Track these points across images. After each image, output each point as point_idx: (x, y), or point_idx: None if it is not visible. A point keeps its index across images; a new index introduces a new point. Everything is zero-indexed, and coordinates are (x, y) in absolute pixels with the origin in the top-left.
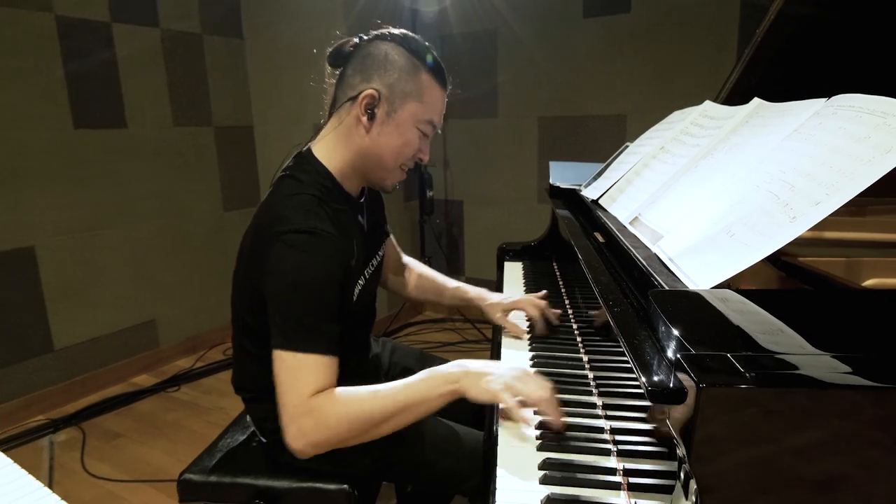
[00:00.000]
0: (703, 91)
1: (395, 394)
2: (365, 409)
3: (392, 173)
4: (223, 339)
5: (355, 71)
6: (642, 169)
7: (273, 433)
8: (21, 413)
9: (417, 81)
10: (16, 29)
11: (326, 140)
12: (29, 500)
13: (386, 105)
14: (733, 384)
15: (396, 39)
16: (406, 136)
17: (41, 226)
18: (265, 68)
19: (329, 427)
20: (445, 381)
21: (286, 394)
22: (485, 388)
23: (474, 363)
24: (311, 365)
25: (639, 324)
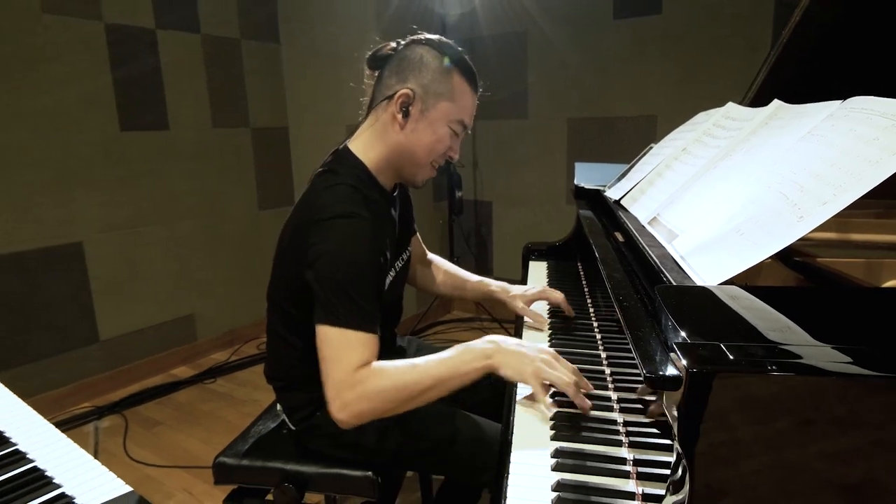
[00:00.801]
0: (735, 92)
1: (432, 368)
2: (404, 382)
3: (423, 169)
4: (257, 335)
5: (392, 72)
6: (664, 170)
7: (302, 421)
8: (68, 400)
9: (450, 83)
10: (68, 36)
11: (363, 136)
12: (82, 470)
13: (420, 104)
14: (719, 369)
15: (432, 44)
16: (438, 134)
17: (89, 222)
18: (300, 71)
19: (371, 399)
20: (480, 355)
21: (331, 368)
22: (516, 368)
23: (508, 340)
24: (356, 341)
25: (645, 318)
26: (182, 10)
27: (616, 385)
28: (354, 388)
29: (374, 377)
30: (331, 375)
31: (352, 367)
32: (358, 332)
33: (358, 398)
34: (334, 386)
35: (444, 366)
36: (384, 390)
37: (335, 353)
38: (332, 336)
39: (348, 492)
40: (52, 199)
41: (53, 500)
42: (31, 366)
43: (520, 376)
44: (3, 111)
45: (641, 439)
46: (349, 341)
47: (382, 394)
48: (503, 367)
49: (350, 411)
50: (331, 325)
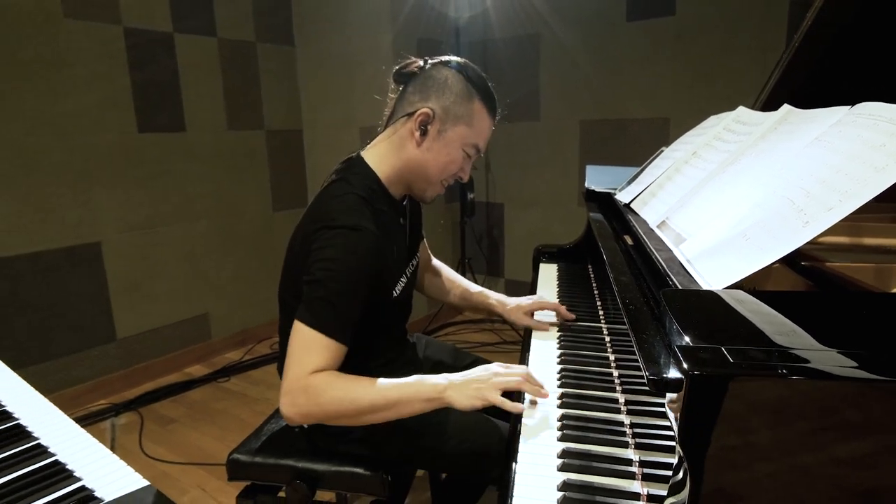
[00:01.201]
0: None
1: (385, 390)
2: (354, 397)
3: (433, 186)
4: (270, 334)
5: (416, 90)
6: (674, 174)
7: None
8: (86, 397)
9: (470, 107)
10: (88, 40)
11: (379, 147)
12: (102, 464)
13: (438, 124)
14: (719, 373)
15: (458, 67)
16: (452, 155)
17: (107, 223)
18: (314, 74)
19: (319, 405)
20: (432, 389)
21: (293, 364)
22: (466, 394)
23: (456, 376)
24: (324, 345)
25: (651, 321)
26: (199, 14)
27: (624, 387)
28: (307, 390)
29: (329, 385)
30: (289, 371)
31: (310, 369)
32: (327, 338)
33: (307, 400)
34: (288, 383)
35: (398, 391)
36: (335, 399)
37: (300, 351)
38: (303, 335)
39: (359, 490)
40: (73, 200)
41: (74, 493)
42: (51, 363)
43: (477, 400)
44: (28, 115)
45: (648, 441)
46: (316, 343)
47: (333, 402)
48: (454, 400)
49: (298, 411)
50: (305, 323)
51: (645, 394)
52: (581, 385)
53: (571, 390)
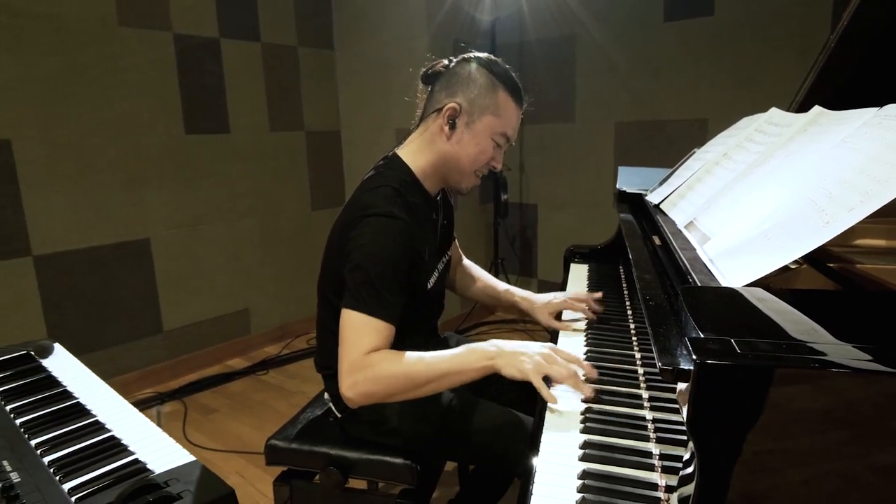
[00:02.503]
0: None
1: (438, 362)
2: (410, 371)
3: (467, 177)
4: (307, 330)
5: (442, 87)
6: (704, 175)
7: (346, 409)
8: (134, 385)
9: (495, 98)
10: (141, 46)
11: (412, 144)
12: (152, 440)
13: (466, 117)
14: (724, 362)
15: (480, 61)
16: (482, 145)
17: (156, 220)
18: (352, 77)
19: (378, 382)
20: (483, 356)
21: (348, 349)
22: (517, 368)
23: (509, 344)
24: (374, 327)
25: (669, 316)
26: (244, 20)
27: (648, 384)
28: (364, 370)
29: (385, 362)
30: (345, 356)
31: (365, 350)
32: (376, 320)
33: (366, 380)
34: (348, 366)
35: (450, 362)
36: (392, 376)
37: (352, 336)
38: (353, 320)
39: (389, 478)
40: (125, 198)
41: (129, 465)
42: (103, 352)
43: (520, 374)
44: (88, 118)
45: (669, 435)
46: (367, 326)
47: (390, 378)
48: (504, 367)
49: (358, 391)
50: (353, 309)
51: (669, 390)
52: (606, 381)
53: (596, 385)
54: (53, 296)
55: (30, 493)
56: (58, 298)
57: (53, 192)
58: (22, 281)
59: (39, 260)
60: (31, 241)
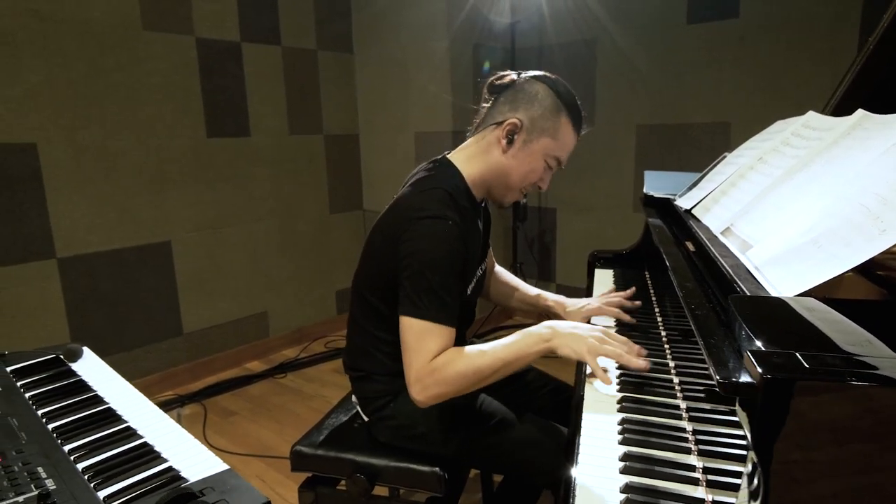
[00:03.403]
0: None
1: (500, 352)
2: (477, 366)
3: (513, 193)
4: (324, 333)
5: (507, 100)
6: (738, 180)
7: (374, 412)
8: (155, 388)
9: (556, 121)
10: (164, 50)
11: (466, 151)
12: (185, 447)
13: (525, 134)
14: (794, 377)
15: (549, 83)
16: (534, 165)
17: (177, 223)
18: (372, 81)
19: (448, 383)
20: (539, 339)
21: (413, 356)
22: (572, 348)
23: (562, 325)
24: (437, 333)
25: (718, 326)
26: (265, 24)
27: (685, 394)
28: (433, 374)
29: (451, 364)
30: (412, 362)
31: (431, 355)
32: (437, 325)
33: (436, 382)
34: (415, 372)
35: (510, 350)
36: (460, 375)
37: (417, 343)
38: (415, 327)
39: (416, 485)
40: (148, 201)
41: (163, 472)
42: (125, 354)
43: (576, 354)
44: (112, 121)
45: (712, 448)
46: (430, 332)
47: (458, 378)
48: (560, 347)
49: (428, 394)
50: (415, 316)
51: (706, 401)
52: (641, 390)
53: (632, 394)
54: (76, 298)
55: (66, 501)
56: (80, 300)
57: (77, 195)
58: (46, 283)
59: (63, 262)
60: (55, 243)
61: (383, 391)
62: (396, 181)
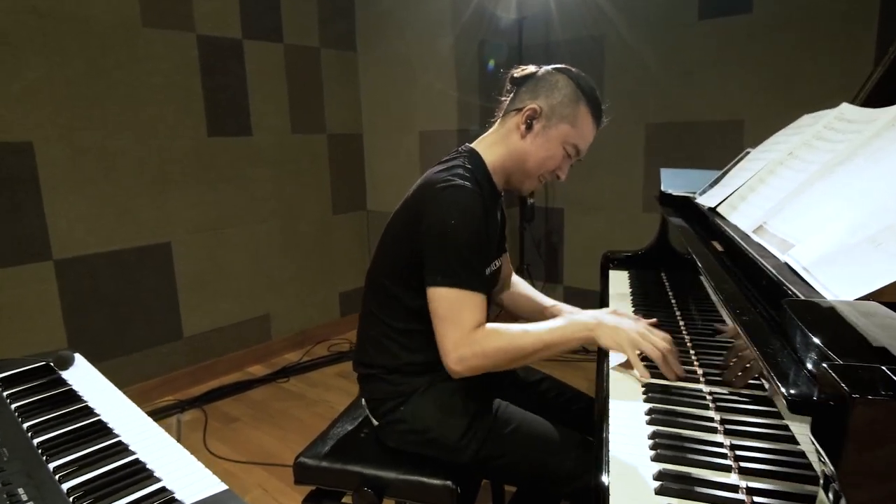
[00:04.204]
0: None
1: (543, 334)
2: (518, 344)
3: (531, 180)
4: (328, 336)
5: (528, 90)
6: (767, 176)
7: (385, 415)
8: (154, 393)
9: (576, 109)
10: (165, 48)
11: (487, 139)
12: (180, 464)
13: (544, 120)
14: (891, 397)
15: (570, 74)
16: (552, 151)
17: (178, 223)
18: (375, 79)
19: (487, 356)
20: (583, 327)
21: (449, 327)
22: (614, 340)
23: (607, 316)
24: (472, 301)
25: (770, 333)
26: (267, 21)
27: (717, 405)
28: (472, 346)
29: (492, 337)
30: (447, 332)
31: (470, 326)
32: (473, 293)
33: (475, 354)
34: (453, 343)
35: (553, 334)
36: (501, 350)
37: (451, 312)
38: (448, 296)
39: (426, 499)
40: (148, 202)
41: (155, 494)
42: (124, 358)
43: (616, 346)
44: (112, 120)
45: (753, 465)
46: (466, 301)
47: (499, 352)
48: (602, 337)
49: (466, 365)
50: (448, 286)
51: (742, 412)
52: (670, 400)
53: (660, 405)
54: (74, 301)
55: None
56: (78, 303)
57: (75, 196)
58: (43, 285)
59: (60, 264)
60: (52, 244)
61: (393, 392)
62: (401, 181)
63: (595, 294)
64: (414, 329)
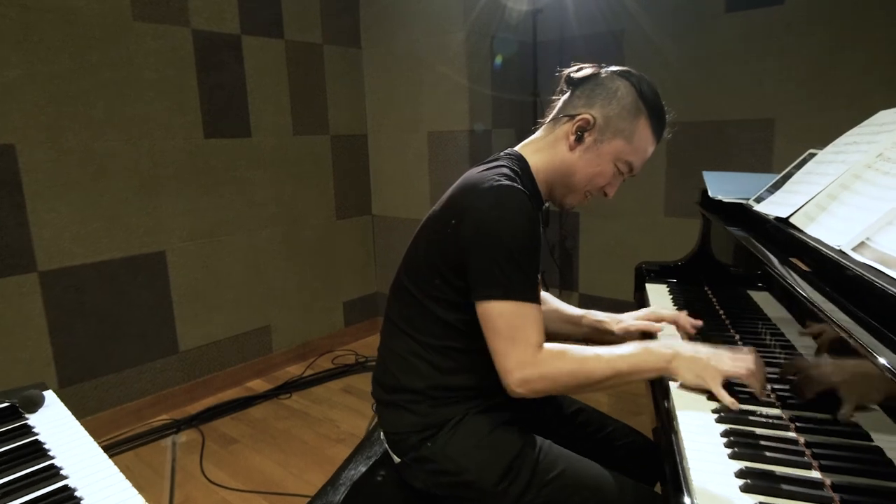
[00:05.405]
0: (870, 92)
1: (615, 361)
2: (588, 369)
3: (575, 195)
4: (332, 347)
5: (584, 94)
6: (853, 181)
7: (408, 451)
8: (148, 411)
9: (634, 123)
10: (157, 43)
11: (533, 143)
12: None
13: (596, 133)
14: None
15: (632, 80)
16: (602, 167)
17: (172, 231)
18: (381, 77)
19: (553, 380)
20: (660, 358)
21: (509, 345)
22: (695, 373)
23: (685, 346)
24: (533, 315)
25: None
26: (267, 16)
27: (796, 424)
28: (538, 367)
29: (561, 360)
30: (510, 351)
31: (535, 344)
32: (532, 306)
33: (541, 377)
34: (516, 362)
35: (627, 361)
36: (569, 374)
37: (514, 329)
38: (509, 310)
39: None
40: (139, 208)
41: None
42: (115, 375)
43: (699, 381)
44: (99, 120)
45: (833, 463)
46: (527, 315)
47: (568, 377)
48: (681, 371)
49: (529, 387)
50: (506, 298)
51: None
52: None
53: (735, 427)
54: (60, 315)
55: None
56: (65, 318)
57: (60, 202)
58: (26, 299)
59: (45, 276)
60: (36, 255)
61: (420, 424)
62: (408, 184)
63: (611, 302)
64: (451, 347)
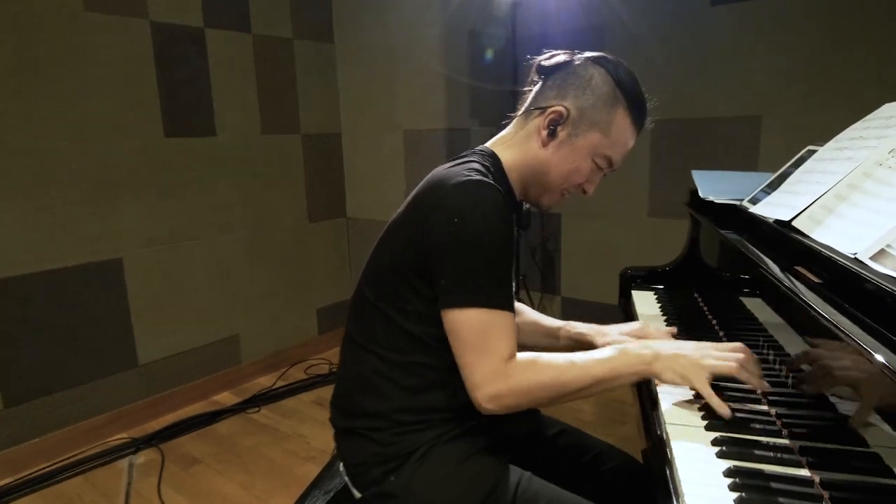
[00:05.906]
0: (866, 87)
1: (591, 366)
2: (563, 379)
3: (551, 194)
4: (305, 356)
5: (555, 84)
6: (863, 181)
7: (370, 486)
8: (104, 430)
9: (611, 114)
10: (110, 35)
11: (504, 139)
12: None
13: (570, 127)
14: None
15: (608, 67)
16: (578, 163)
17: (129, 237)
18: (355, 73)
19: (525, 393)
20: (640, 360)
21: (478, 357)
22: (678, 373)
23: (665, 345)
24: (504, 324)
25: None
26: (233, 8)
27: (791, 432)
28: (507, 380)
29: (532, 370)
30: (477, 365)
31: (504, 356)
32: (504, 314)
33: (511, 391)
34: (483, 376)
35: (604, 367)
36: (544, 386)
37: (482, 340)
38: (477, 318)
39: None
40: (91, 212)
41: None
42: (68, 392)
43: (683, 380)
44: (42, 117)
45: None
46: (497, 324)
47: (541, 389)
48: (663, 372)
49: (499, 403)
50: (474, 305)
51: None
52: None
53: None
54: (6, 328)
55: None
56: (12, 331)
57: (5, 208)
58: None
59: None
60: None
61: (382, 456)
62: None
63: (595, 305)
64: (417, 362)
